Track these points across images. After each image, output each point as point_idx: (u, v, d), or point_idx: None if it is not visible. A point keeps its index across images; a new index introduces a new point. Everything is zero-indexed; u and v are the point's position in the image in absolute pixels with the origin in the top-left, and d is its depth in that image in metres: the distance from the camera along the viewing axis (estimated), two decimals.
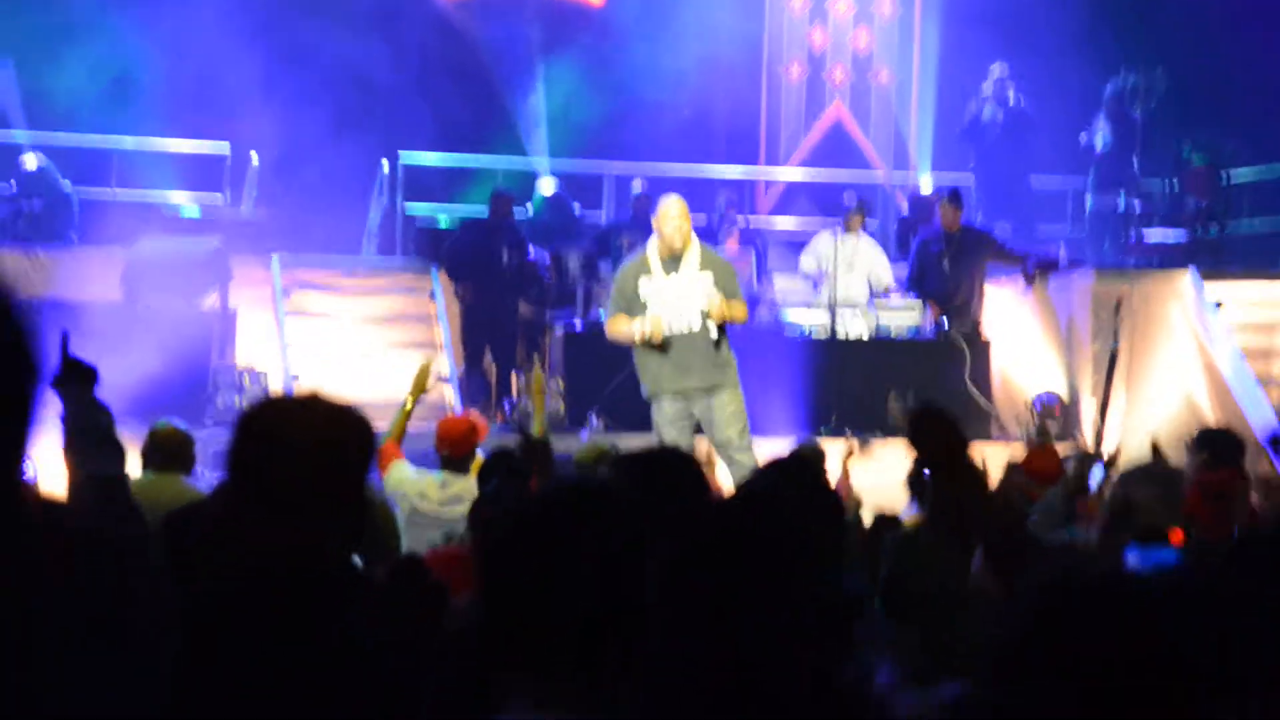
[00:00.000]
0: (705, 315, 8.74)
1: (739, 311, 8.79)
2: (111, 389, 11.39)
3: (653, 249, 8.85)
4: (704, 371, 8.80)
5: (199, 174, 14.85)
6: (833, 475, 7.49)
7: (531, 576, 2.04)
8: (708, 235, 13.49)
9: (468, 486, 6.80)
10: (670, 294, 8.76)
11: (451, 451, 7.13)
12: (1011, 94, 14.73)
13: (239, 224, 13.57)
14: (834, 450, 9.52)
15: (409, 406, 7.49)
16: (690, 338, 8.76)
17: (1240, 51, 15.78)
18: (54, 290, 11.99)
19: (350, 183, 14.89)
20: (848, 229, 13.02)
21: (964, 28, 15.97)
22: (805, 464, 5.66)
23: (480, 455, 6.98)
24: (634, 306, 8.83)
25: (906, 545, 6.12)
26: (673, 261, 8.78)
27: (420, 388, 7.53)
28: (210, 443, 10.75)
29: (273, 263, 12.85)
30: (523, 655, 2.02)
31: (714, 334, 8.75)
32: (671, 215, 8.70)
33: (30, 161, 13.81)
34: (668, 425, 8.92)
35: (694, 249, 8.78)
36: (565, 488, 2.25)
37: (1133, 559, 2.22)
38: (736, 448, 8.79)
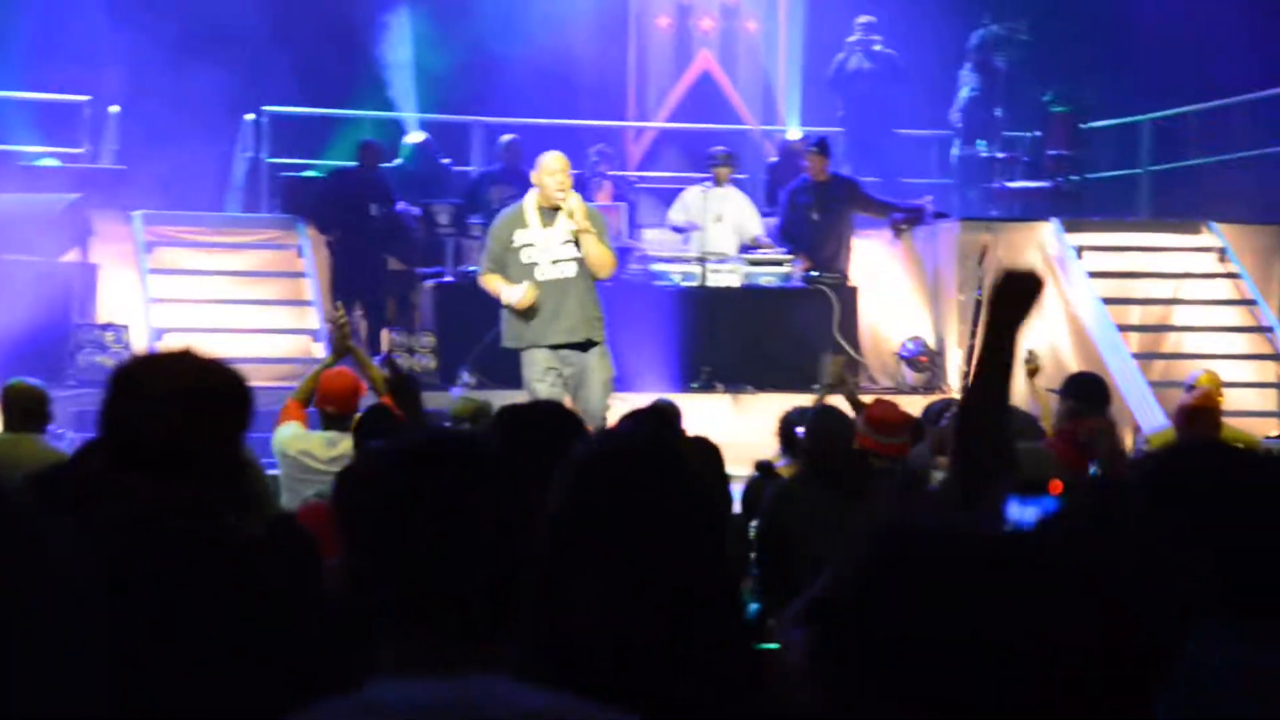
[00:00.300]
0: (579, 263, 8.81)
1: (609, 255, 8.94)
2: None
3: (530, 201, 8.92)
4: (577, 323, 8.85)
5: (58, 126, 14.49)
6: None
7: (393, 534, 1.98)
8: (579, 188, 13.46)
9: (346, 444, 6.71)
10: (546, 243, 8.83)
11: (336, 409, 6.96)
12: (879, 44, 14.83)
13: (99, 177, 13.28)
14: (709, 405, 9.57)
15: (329, 362, 7.32)
16: (564, 285, 8.83)
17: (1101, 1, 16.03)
18: None
19: (213, 135, 14.63)
20: (716, 181, 13.06)
21: None
22: (661, 415, 5.71)
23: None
24: (508, 258, 8.87)
25: (784, 496, 6.19)
26: (550, 213, 8.88)
27: (341, 349, 7.34)
28: (73, 402, 10.59)
29: (134, 218, 12.62)
30: (389, 616, 1.97)
31: (587, 285, 8.83)
32: (554, 170, 8.83)
33: None
34: (539, 379, 8.89)
35: (572, 201, 8.86)
36: (427, 439, 2.18)
37: (1014, 512, 2.21)
38: (602, 420, 8.79)
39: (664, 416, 6.00)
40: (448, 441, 2.10)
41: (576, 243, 8.83)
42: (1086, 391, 7.24)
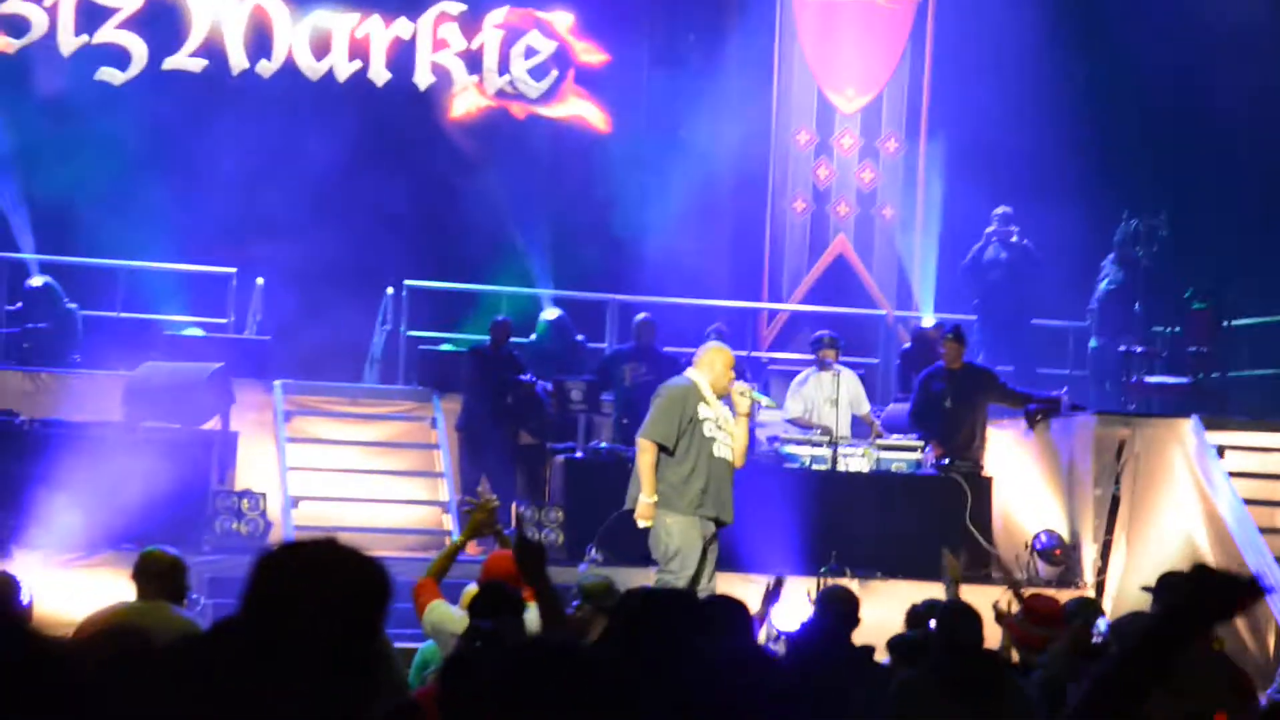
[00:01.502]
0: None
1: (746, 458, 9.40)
2: (112, 511, 11.37)
3: (702, 383, 9.22)
4: (728, 502, 9.20)
5: (204, 297, 14.91)
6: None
7: None
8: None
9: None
10: (724, 422, 9.19)
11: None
12: (1015, 235, 14.84)
13: (242, 347, 13.60)
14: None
15: (460, 543, 7.30)
16: (727, 465, 9.18)
17: (1243, 199, 15.94)
18: (56, 411, 11.99)
19: (355, 309, 14.96)
20: (822, 366, 13.07)
21: (968, 166, 16.13)
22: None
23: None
24: (691, 428, 9.13)
25: (908, 694, 6.06)
26: (717, 399, 9.27)
27: (480, 528, 7.33)
28: (208, 568, 10.74)
29: (275, 388, 12.87)
30: None
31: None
32: (729, 364, 9.24)
33: (36, 281, 13.90)
34: (692, 547, 8.99)
35: (745, 399, 9.22)
36: (541, 650, 2.19)
37: None
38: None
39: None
40: (551, 652, 2.12)
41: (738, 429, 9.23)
42: (1173, 590, 6.91)
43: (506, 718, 2.00)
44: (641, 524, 9.15)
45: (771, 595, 8.06)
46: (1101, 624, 6.72)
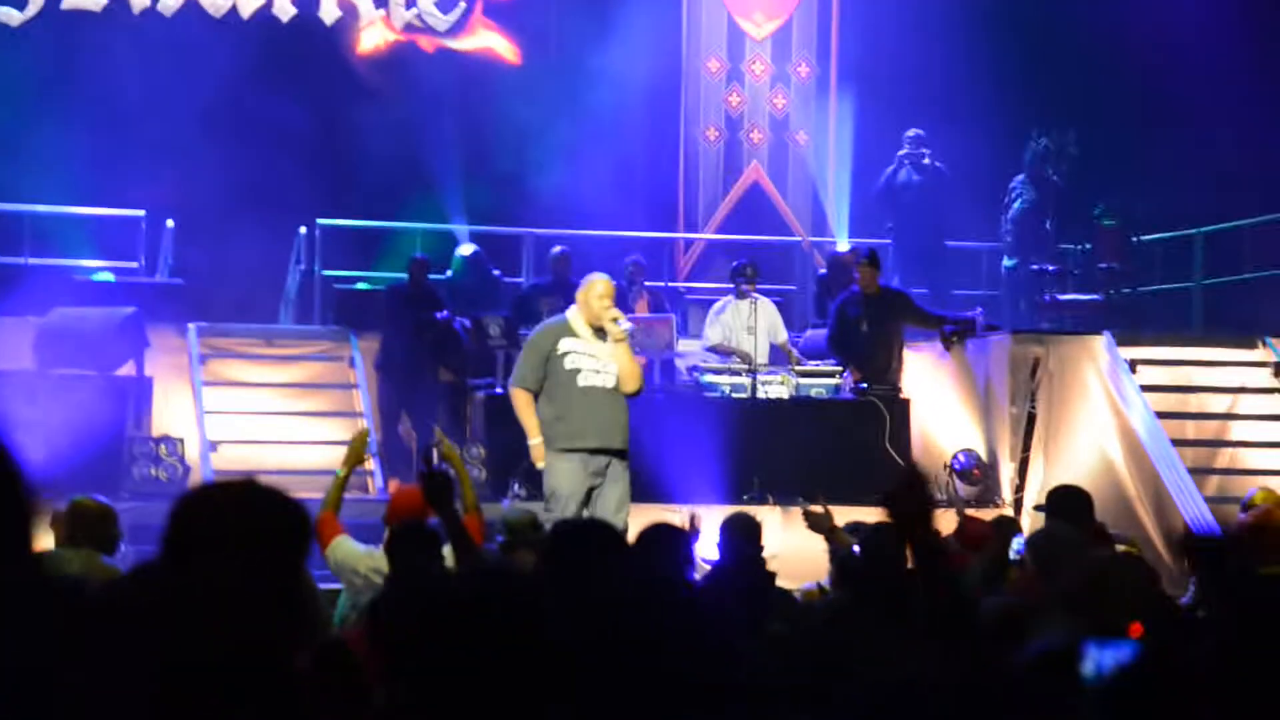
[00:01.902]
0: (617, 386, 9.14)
1: (639, 371, 9.37)
2: (27, 460, 11.25)
3: (575, 317, 9.18)
4: (613, 429, 9.14)
5: (114, 241, 14.71)
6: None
7: (432, 669, 2.01)
8: (618, 300, 13.52)
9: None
10: (595, 352, 9.13)
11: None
12: (928, 157, 14.90)
13: (154, 290, 13.44)
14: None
15: (343, 475, 7.30)
16: (604, 394, 9.12)
17: (1151, 114, 16.08)
18: None
19: (267, 249, 14.81)
20: (740, 295, 13.11)
21: (880, 90, 16.16)
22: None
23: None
24: (551, 365, 9.12)
25: (834, 616, 6.12)
26: (598, 330, 9.19)
27: (356, 457, 7.36)
28: (128, 515, 10.61)
29: (189, 331, 12.74)
30: None
31: (621, 398, 9.19)
32: (603, 294, 9.17)
33: None
34: (562, 480, 8.97)
35: (622, 322, 9.20)
36: (476, 575, 2.22)
37: (1093, 658, 2.16)
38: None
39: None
40: (489, 585, 2.14)
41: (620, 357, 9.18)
42: (1067, 505, 7.02)
43: (442, 646, 2.02)
44: (539, 466, 9.19)
45: (691, 533, 8.09)
46: (1017, 543, 6.79)
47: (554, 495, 9.06)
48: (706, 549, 9.19)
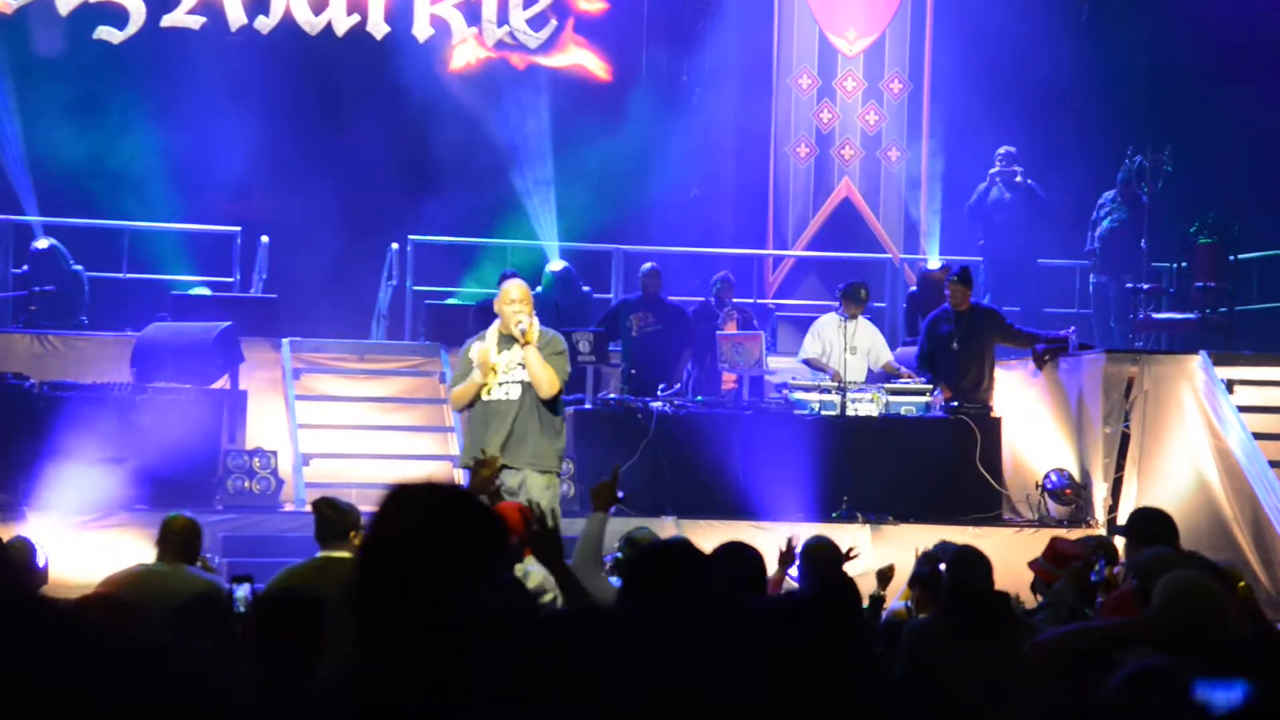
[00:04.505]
0: (526, 387, 8.89)
1: (552, 373, 8.93)
2: (124, 473, 11.39)
3: (492, 329, 9.09)
4: (516, 446, 8.85)
5: (209, 255, 14.92)
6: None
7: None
8: (708, 318, 13.54)
9: (540, 576, 6.48)
10: (501, 364, 8.92)
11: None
12: (1020, 175, 14.80)
13: (249, 305, 13.60)
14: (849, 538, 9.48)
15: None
16: (506, 406, 8.90)
17: (1249, 133, 15.86)
18: (65, 374, 12.01)
19: (359, 264, 14.95)
20: (848, 312, 13.05)
21: (972, 107, 16.06)
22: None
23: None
24: (470, 375, 9.03)
25: (919, 639, 6.07)
26: (509, 340, 9.01)
27: (479, 487, 7.20)
28: (221, 527, 10.78)
29: (283, 345, 12.88)
30: None
31: (537, 410, 8.88)
32: (513, 299, 8.99)
33: (41, 243, 13.90)
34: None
35: (525, 323, 8.94)
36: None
37: (1201, 695, 2.08)
38: None
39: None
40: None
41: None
42: (1150, 528, 6.88)
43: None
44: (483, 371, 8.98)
45: (786, 557, 8.06)
46: (1113, 567, 6.71)
47: None
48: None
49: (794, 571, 8.11)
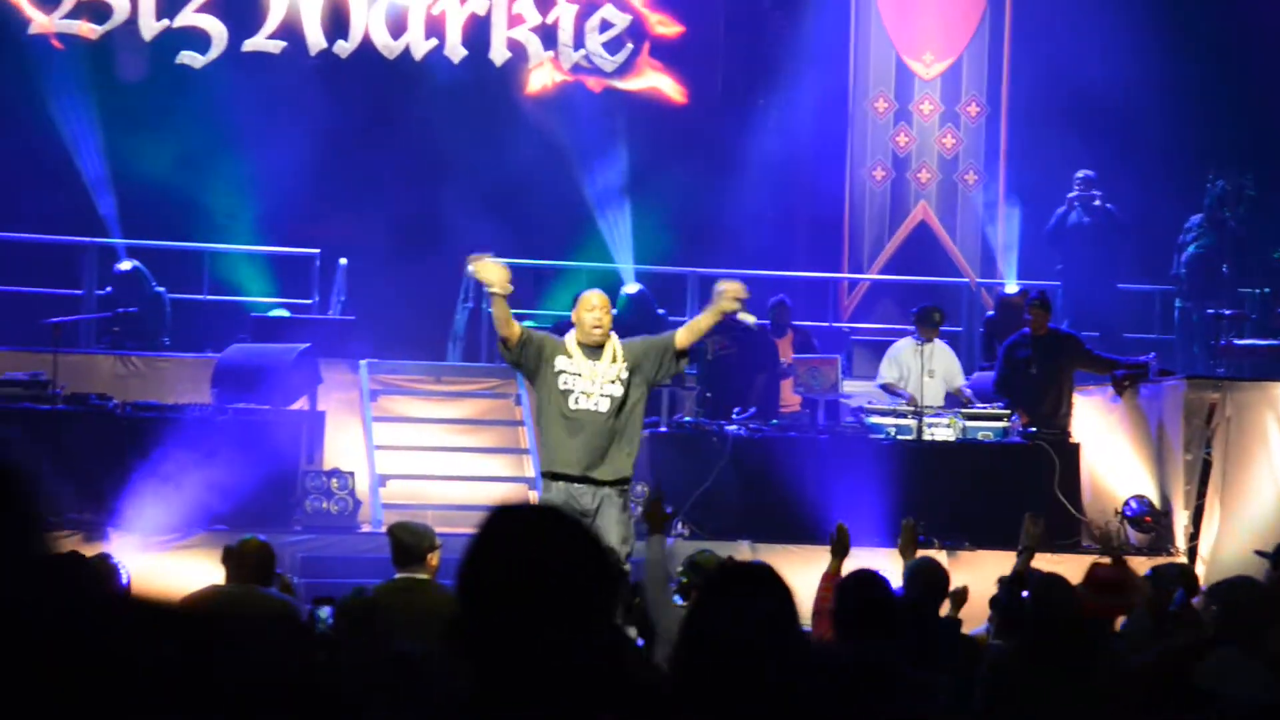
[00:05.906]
0: (614, 402, 8.38)
1: (688, 332, 8.63)
2: (204, 493, 11.49)
3: (571, 338, 8.54)
4: (597, 459, 8.35)
5: (289, 277, 15.05)
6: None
7: None
8: (760, 347, 13.38)
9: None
10: (590, 375, 8.39)
11: None
12: (1099, 199, 14.70)
13: (327, 327, 13.71)
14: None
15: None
16: (595, 418, 8.36)
17: None
18: (147, 395, 12.15)
19: (436, 286, 15.03)
20: (924, 339, 12.99)
21: (1050, 131, 15.97)
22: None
23: None
24: (544, 370, 8.44)
25: (1002, 665, 6.03)
26: (593, 350, 8.46)
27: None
28: (299, 547, 10.86)
29: (360, 367, 12.97)
30: None
31: (621, 423, 8.39)
32: (593, 306, 8.52)
33: (124, 265, 14.08)
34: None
35: (613, 342, 8.50)
36: None
37: None
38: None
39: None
40: None
41: (623, 384, 8.40)
42: None
43: None
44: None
45: (840, 546, 8.03)
46: (1191, 598, 6.64)
47: None
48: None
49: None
